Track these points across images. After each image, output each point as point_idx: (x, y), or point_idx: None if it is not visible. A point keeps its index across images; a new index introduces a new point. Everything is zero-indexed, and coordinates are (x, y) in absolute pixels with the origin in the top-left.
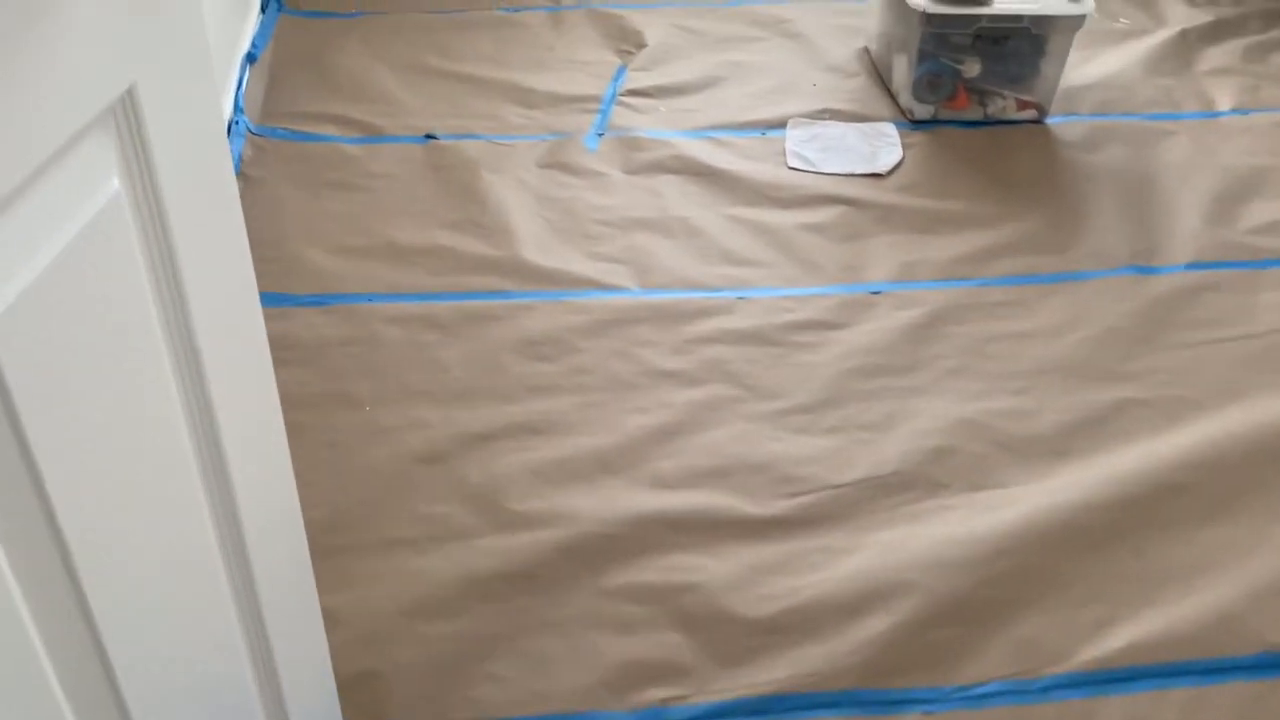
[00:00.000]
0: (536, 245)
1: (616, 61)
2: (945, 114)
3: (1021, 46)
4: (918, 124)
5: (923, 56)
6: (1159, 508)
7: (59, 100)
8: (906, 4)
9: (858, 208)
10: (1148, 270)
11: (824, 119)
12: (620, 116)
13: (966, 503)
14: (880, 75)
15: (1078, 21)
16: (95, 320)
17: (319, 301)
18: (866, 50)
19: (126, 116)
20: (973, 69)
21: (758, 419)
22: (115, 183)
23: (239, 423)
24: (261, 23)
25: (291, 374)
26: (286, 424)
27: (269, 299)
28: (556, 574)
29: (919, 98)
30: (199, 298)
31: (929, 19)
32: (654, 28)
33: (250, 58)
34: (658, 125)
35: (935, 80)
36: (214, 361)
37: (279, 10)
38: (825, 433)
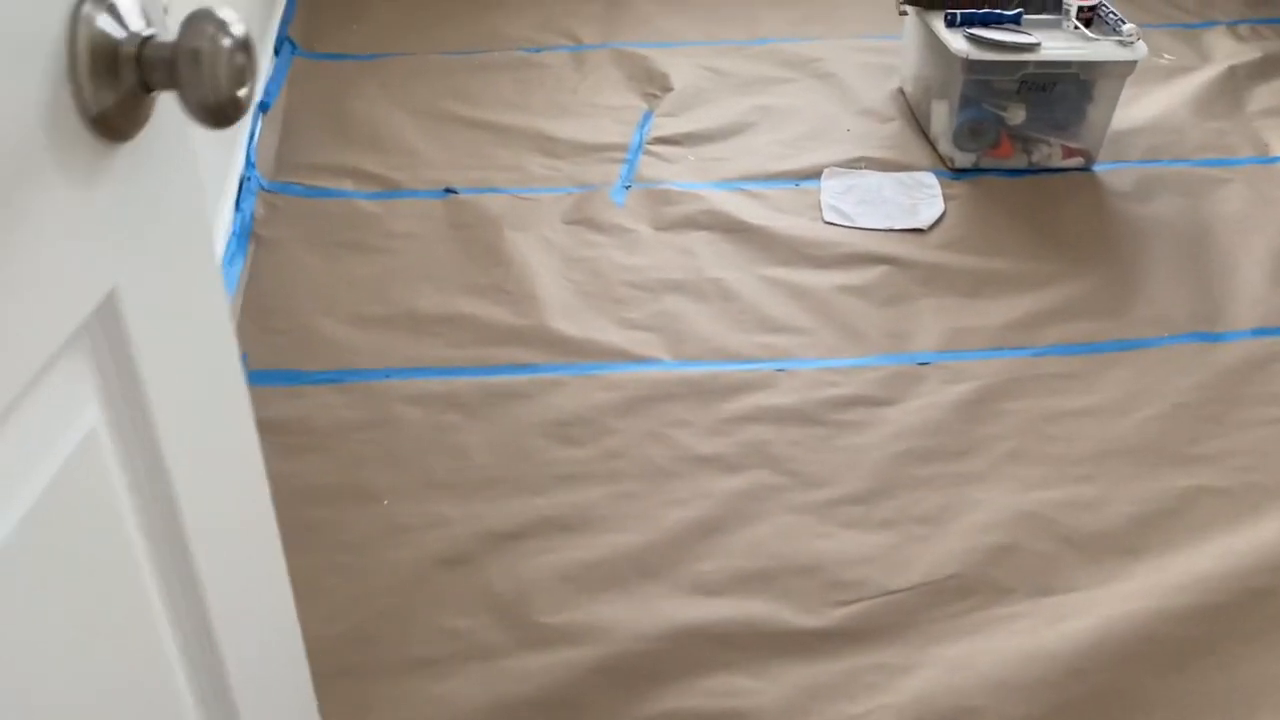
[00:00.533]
0: (564, 312)
1: (642, 106)
2: (987, 162)
3: (1068, 92)
4: (959, 173)
5: (964, 103)
6: (1244, 615)
7: (19, 336)
8: (947, 49)
9: (900, 267)
10: (1212, 337)
11: (860, 168)
12: (647, 166)
13: (1033, 610)
14: (917, 119)
15: (1128, 67)
16: (63, 596)
17: (335, 379)
18: (901, 92)
19: (105, 328)
20: (1017, 116)
21: (804, 510)
22: (92, 413)
23: (255, 685)
24: (275, 66)
25: (307, 464)
26: (301, 522)
27: (283, 377)
28: (592, 700)
29: (960, 146)
30: (203, 541)
31: (971, 65)
32: (680, 69)
33: (263, 106)
34: (687, 176)
35: (977, 128)
36: (222, 613)
37: (293, 52)
38: (877, 527)
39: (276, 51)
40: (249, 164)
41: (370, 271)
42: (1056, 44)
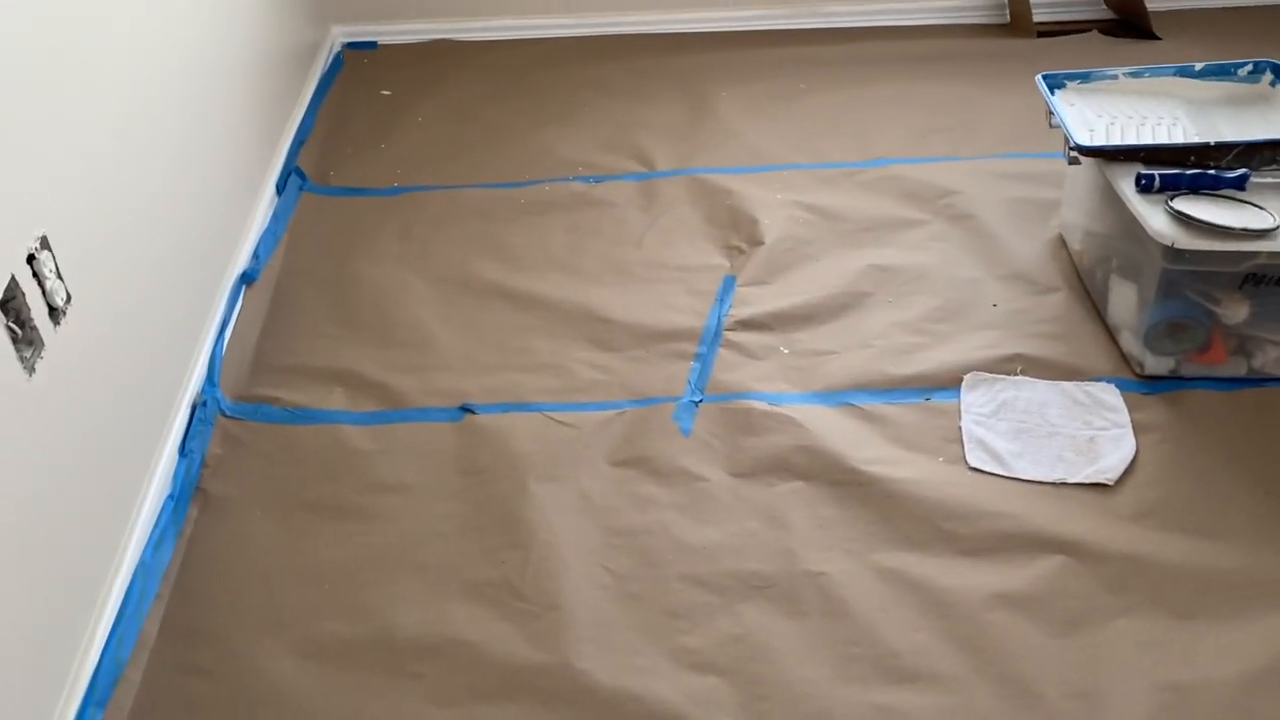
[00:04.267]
0: (597, 636)
1: (724, 265)
2: (1190, 368)
3: None
4: (1151, 383)
5: (1163, 293)
6: None
7: None
8: (1138, 222)
9: (1080, 560)
10: None
11: (1013, 372)
12: (725, 366)
13: None
14: (1088, 290)
15: None
16: None
17: None
18: (1063, 242)
19: None
20: (1237, 314)
21: None
22: None
23: None
24: (275, 211)
25: None
26: None
27: None
28: None
29: (1153, 347)
30: None
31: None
32: (773, 208)
33: (247, 278)
34: (777, 382)
35: (1179, 326)
36: None
37: (301, 187)
38: None
39: (279, 189)
40: (210, 381)
41: (343, 554)
42: None
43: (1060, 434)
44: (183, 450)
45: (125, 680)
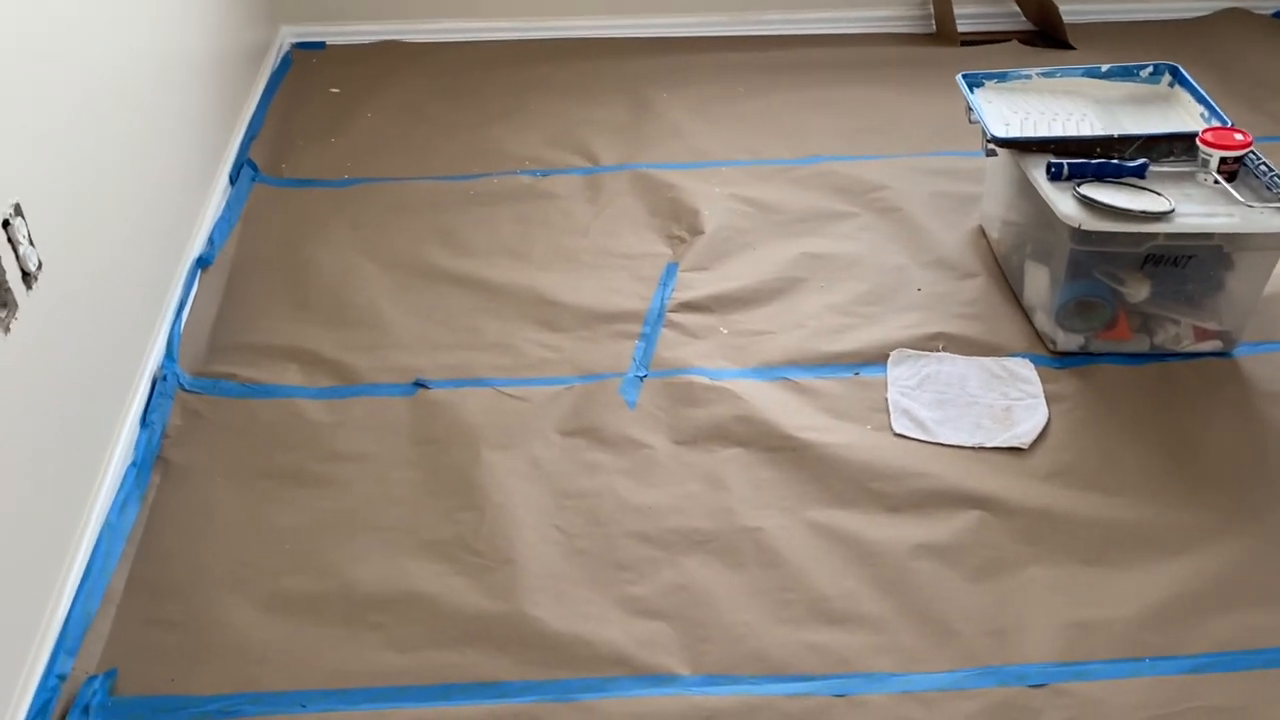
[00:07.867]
0: (549, 587)
1: (666, 253)
2: (1098, 345)
3: (1207, 263)
4: (1062, 358)
5: (1072, 274)
6: None
7: None
8: (1049, 207)
9: (996, 514)
10: None
11: (936, 349)
12: (669, 345)
13: None
14: (1005, 276)
15: None
16: None
17: (230, 711)
18: (983, 233)
19: None
20: (1139, 293)
21: None
22: None
23: None
24: (228, 200)
25: None
26: None
27: (158, 709)
28: None
29: (1064, 325)
30: None
31: (1084, 236)
32: (712, 201)
33: (202, 262)
34: (717, 359)
35: (1087, 305)
36: None
37: (254, 179)
38: None
39: (233, 179)
40: (169, 355)
41: (302, 519)
42: (1194, 209)
43: (979, 404)
44: (144, 421)
45: (94, 631)
